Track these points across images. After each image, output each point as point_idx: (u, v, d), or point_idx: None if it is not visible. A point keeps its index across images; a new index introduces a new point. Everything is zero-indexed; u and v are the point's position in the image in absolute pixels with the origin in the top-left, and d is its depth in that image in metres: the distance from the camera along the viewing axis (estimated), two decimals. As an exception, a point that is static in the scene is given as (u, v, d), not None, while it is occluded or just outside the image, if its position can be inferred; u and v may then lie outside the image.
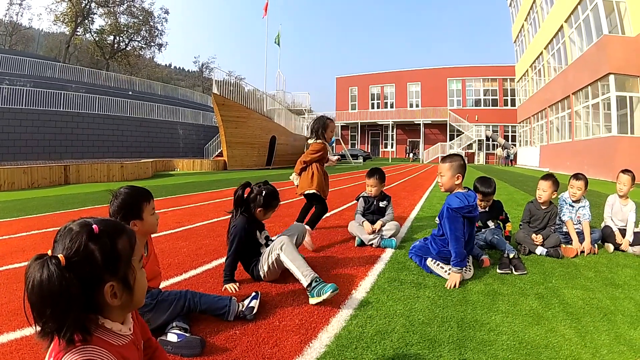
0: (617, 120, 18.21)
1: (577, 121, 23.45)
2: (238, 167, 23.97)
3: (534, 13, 32.33)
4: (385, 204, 5.05)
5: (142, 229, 2.42)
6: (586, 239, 4.55)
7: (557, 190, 4.73)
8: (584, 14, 21.05)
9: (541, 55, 31.05)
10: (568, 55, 24.49)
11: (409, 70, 55.80)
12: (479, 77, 52.19)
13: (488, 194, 4.60)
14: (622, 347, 2.38)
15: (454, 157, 3.59)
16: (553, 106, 28.16)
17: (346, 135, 57.00)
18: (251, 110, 25.21)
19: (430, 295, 3.13)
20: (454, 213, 3.36)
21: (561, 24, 24.80)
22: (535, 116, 34.13)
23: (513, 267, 3.78)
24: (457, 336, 2.45)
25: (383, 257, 4.18)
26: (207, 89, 58.20)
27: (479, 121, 50.37)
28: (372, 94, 57.35)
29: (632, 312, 2.94)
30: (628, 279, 3.74)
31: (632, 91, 18.28)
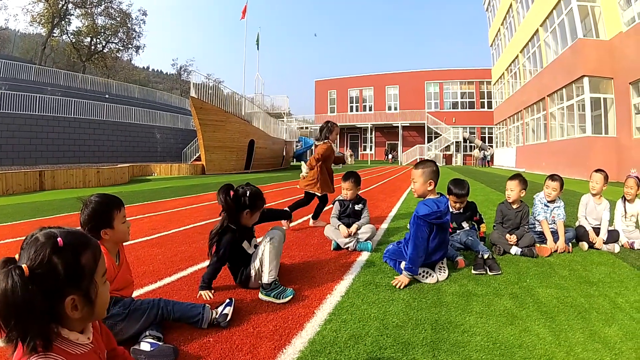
0: (592, 121, 18.72)
1: (552, 122, 23.98)
2: (216, 172, 23.68)
3: (510, 17, 32.96)
4: (361, 207, 5.05)
5: (114, 237, 2.41)
6: (560, 238, 4.62)
7: (526, 189, 4.79)
8: (559, 19, 21.53)
9: (517, 58, 31.67)
10: (543, 58, 25.01)
11: (387, 74, 56.29)
12: (456, 80, 53.02)
13: (462, 195, 4.63)
14: (596, 345, 2.40)
15: (427, 163, 3.61)
16: (529, 108, 28.74)
17: (325, 138, 56.90)
18: (229, 114, 24.94)
19: (404, 298, 3.11)
20: (420, 220, 3.40)
21: (537, 28, 25.34)
22: (511, 118, 34.76)
23: (488, 268, 3.79)
24: (431, 338, 2.43)
25: (359, 261, 4.17)
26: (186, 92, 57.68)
27: (457, 123, 51.02)
28: (351, 97, 57.66)
29: (607, 309, 2.96)
30: (602, 276, 3.78)
31: (606, 93, 18.77)
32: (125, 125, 32.44)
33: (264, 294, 3.04)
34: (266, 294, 3.03)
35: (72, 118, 28.29)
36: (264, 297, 3.03)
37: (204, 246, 4.64)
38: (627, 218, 5.10)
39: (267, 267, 3.09)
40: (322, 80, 59.65)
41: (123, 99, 37.72)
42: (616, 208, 5.15)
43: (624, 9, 17.41)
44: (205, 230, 5.76)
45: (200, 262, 4.07)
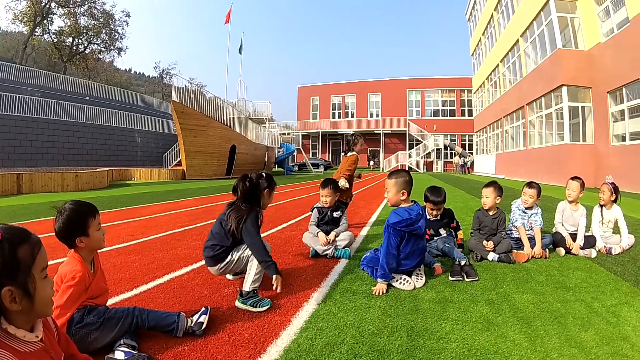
0: (570, 129, 19.07)
1: (531, 130, 24.40)
2: (197, 177, 23.50)
3: (491, 28, 33.52)
4: (339, 214, 5.01)
5: (89, 245, 2.38)
6: (537, 243, 4.67)
7: (501, 196, 4.85)
8: (539, 29, 22.00)
9: (497, 67, 32.24)
10: (523, 68, 25.50)
11: (369, 81, 56.75)
12: (438, 89, 53.92)
13: (438, 202, 4.65)
14: (573, 350, 2.40)
15: (400, 173, 3.64)
16: (508, 116, 29.24)
17: (307, 145, 57.11)
18: (211, 119, 24.76)
19: (381, 305, 3.09)
20: (390, 229, 3.46)
21: (517, 38, 25.83)
22: (491, 126, 35.28)
23: (465, 274, 3.80)
24: (407, 345, 2.41)
25: (337, 268, 4.14)
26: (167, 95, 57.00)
27: (438, 131, 51.74)
28: (333, 103, 57.83)
29: (583, 314, 2.98)
30: (579, 281, 3.82)
31: (584, 101, 19.17)
32: (105, 128, 31.94)
33: (240, 302, 3.02)
34: (243, 302, 3.01)
35: (52, 120, 27.74)
36: (241, 304, 3.01)
37: (182, 253, 4.67)
38: (604, 224, 5.19)
39: (252, 276, 3.10)
40: (305, 86, 59.73)
41: (104, 101, 37.22)
42: (593, 214, 5.23)
43: (603, 20, 17.85)
44: (183, 236, 5.73)
45: (178, 269, 4.01)
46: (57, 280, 2.25)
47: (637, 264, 4.47)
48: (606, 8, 17.35)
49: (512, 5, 26.95)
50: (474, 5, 40.10)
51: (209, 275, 3.74)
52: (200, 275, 3.78)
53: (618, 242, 5.06)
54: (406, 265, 3.57)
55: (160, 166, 32.24)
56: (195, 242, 5.35)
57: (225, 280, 3.63)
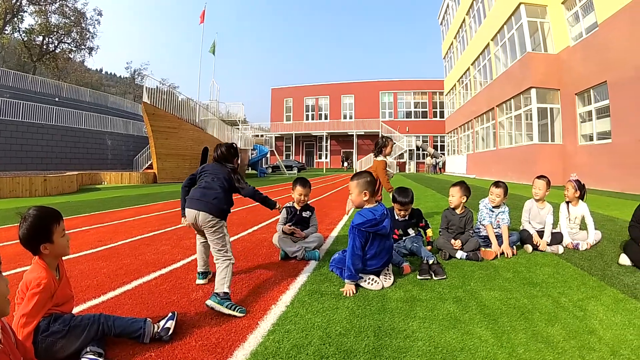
0: (538, 130, 19.64)
1: (501, 131, 25.02)
2: (169, 180, 23.04)
3: (463, 32, 34.15)
4: (309, 214, 5.01)
5: (53, 251, 2.34)
6: (505, 241, 4.73)
7: (468, 195, 4.93)
8: (509, 33, 22.52)
9: (468, 70, 32.91)
10: (493, 70, 26.08)
11: (343, 83, 57.17)
12: (410, 91, 54.88)
13: (406, 203, 4.69)
14: (539, 345, 2.43)
15: (361, 174, 3.69)
16: (479, 117, 29.88)
17: (281, 147, 57.01)
18: (182, 121, 24.37)
19: (349, 306, 3.08)
20: (355, 230, 3.48)
21: (488, 42, 26.40)
22: (462, 127, 36.03)
23: (433, 273, 3.83)
24: (373, 345, 2.41)
25: (306, 270, 4.12)
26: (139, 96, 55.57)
27: (410, 132, 52.49)
28: (307, 105, 58.02)
29: (550, 309, 3.03)
30: (546, 277, 3.88)
31: (553, 103, 19.76)
32: (75, 130, 30.94)
33: (217, 302, 2.96)
34: (219, 302, 2.95)
35: (20, 122, 26.74)
36: (217, 305, 2.94)
37: (151, 258, 4.61)
38: (571, 220, 5.33)
39: (227, 276, 3.13)
40: (279, 88, 59.68)
41: (74, 102, 36.05)
42: (560, 211, 5.36)
43: (573, 25, 18.41)
44: (152, 241, 5.62)
45: (146, 274, 3.94)
46: (22, 287, 2.21)
47: (604, 259, 4.57)
48: (576, 13, 17.92)
49: (483, 9, 27.53)
50: (447, 10, 40.78)
51: (177, 281, 3.70)
52: (168, 280, 3.72)
53: (585, 238, 5.19)
54: (373, 265, 3.59)
55: (131, 169, 31.42)
56: (165, 246, 5.26)
57: (194, 285, 3.58)
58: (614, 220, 7.32)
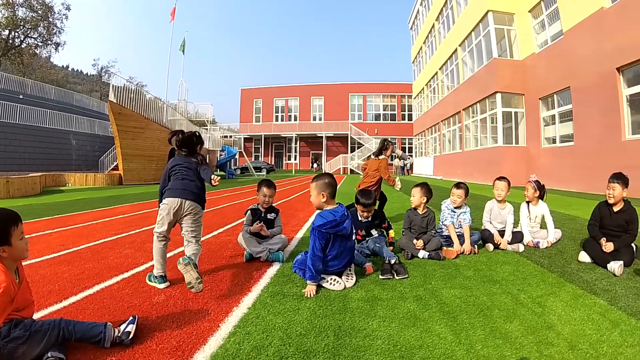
0: (503, 133, 20.37)
1: (467, 134, 25.68)
2: (134, 182, 22.50)
3: (432, 37, 34.82)
4: (274, 216, 5.00)
5: (11, 255, 2.30)
6: (466, 240, 4.86)
7: (429, 196, 5.01)
8: (476, 39, 23.13)
9: (436, 74, 33.62)
10: (460, 75, 26.72)
11: (313, 85, 57.31)
12: (379, 94, 55.63)
13: (368, 205, 4.73)
14: (497, 341, 2.47)
15: (320, 177, 3.71)
16: (445, 120, 30.62)
17: (250, 148, 56.66)
18: (149, 121, 23.82)
19: (311, 307, 3.08)
20: (315, 231, 3.50)
21: (456, 47, 27.02)
22: (430, 129, 36.76)
23: (395, 272, 3.86)
24: (333, 345, 2.42)
25: (269, 272, 4.11)
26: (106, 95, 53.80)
27: (379, 134, 52.88)
28: (276, 106, 57.80)
29: (509, 306, 3.09)
30: (506, 274, 3.97)
31: (517, 107, 20.47)
32: (39, 129, 29.74)
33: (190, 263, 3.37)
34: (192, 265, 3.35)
35: (-18, 120, 25.89)
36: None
37: (113, 262, 4.53)
38: (531, 219, 5.50)
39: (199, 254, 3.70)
40: (248, 88, 59.12)
41: (38, 100, 34.68)
42: (521, 211, 5.53)
43: (538, 32, 19.15)
44: (116, 245, 5.50)
45: (108, 279, 3.85)
46: None
47: (564, 257, 4.73)
48: (542, 21, 18.64)
49: (452, 16, 28.12)
50: (417, 15, 41.48)
51: (139, 284, 3.64)
52: (130, 284, 3.66)
53: (545, 236, 5.36)
54: (335, 265, 3.60)
55: (97, 171, 30.53)
56: (128, 250, 5.16)
57: (155, 289, 3.51)
58: (575, 219, 7.57)
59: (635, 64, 12.63)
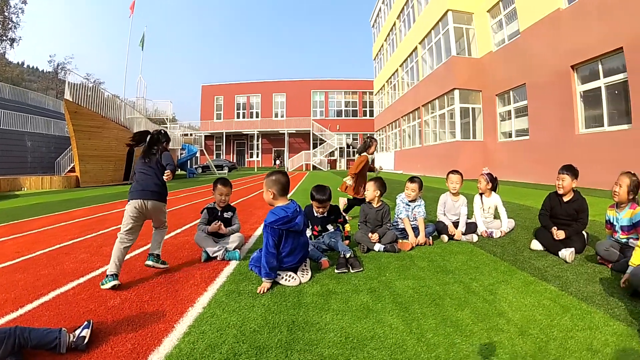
0: (461, 128, 20.95)
1: (426, 129, 26.24)
2: (92, 184, 21.78)
3: (393, 34, 35.25)
4: (231, 214, 4.97)
5: None
6: (421, 232, 4.98)
7: (383, 190, 5.11)
8: (436, 38, 23.60)
9: (397, 71, 34.11)
10: (420, 72, 27.22)
11: (274, 81, 56.85)
12: (341, 90, 55.97)
13: (323, 200, 4.80)
14: (448, 329, 2.54)
15: (270, 174, 3.74)
16: (405, 116, 31.17)
17: (211, 146, 55.66)
18: (106, 119, 23.03)
19: (265, 303, 3.09)
20: (267, 228, 3.51)
21: (416, 45, 27.46)
22: (390, 125, 37.31)
23: (350, 266, 3.93)
24: (286, 339, 2.45)
25: (226, 270, 4.09)
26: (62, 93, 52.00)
27: (340, 130, 53.62)
28: (238, 103, 56.94)
29: (461, 294, 3.18)
30: (459, 264, 4.09)
31: (474, 103, 21.08)
32: (-8, 130, 28.48)
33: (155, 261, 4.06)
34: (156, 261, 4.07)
35: None
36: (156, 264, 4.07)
37: (69, 267, 4.43)
38: (485, 210, 5.72)
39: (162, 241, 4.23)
40: (209, 85, 57.88)
41: (-9, 99, 33.42)
42: (474, 202, 5.71)
43: (496, 32, 19.81)
44: (72, 250, 5.36)
45: (64, 284, 3.76)
46: None
47: (517, 245, 4.91)
48: (500, 21, 19.27)
49: (413, 14, 28.55)
50: (379, 13, 41.80)
51: (95, 289, 3.57)
52: (86, 289, 3.58)
53: (499, 226, 5.57)
54: (290, 261, 3.62)
55: (53, 173, 29.39)
56: (84, 255, 5.03)
57: (111, 293, 3.45)
58: (529, 209, 7.82)
59: (589, 62, 13.18)
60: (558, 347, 2.30)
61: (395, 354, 2.25)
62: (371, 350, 2.29)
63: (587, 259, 4.18)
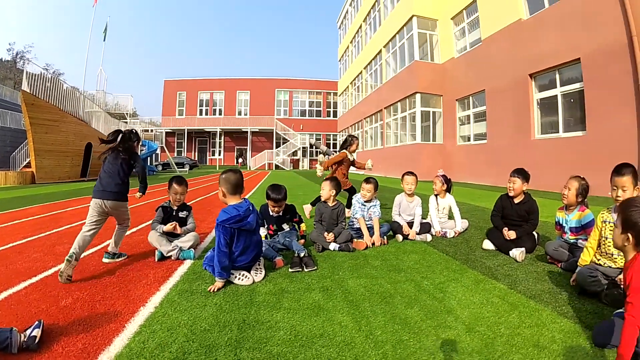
0: (421, 131, 21.44)
1: (388, 131, 26.74)
2: (48, 180, 20.81)
3: (359, 37, 35.65)
4: (186, 214, 4.90)
5: None
6: (375, 232, 5.09)
7: (338, 189, 5.20)
8: (400, 42, 24.03)
9: (361, 73, 34.54)
10: (383, 75, 27.68)
11: (239, 79, 56.07)
12: (306, 90, 55.89)
13: (278, 200, 4.82)
14: (396, 327, 2.60)
15: (222, 173, 3.74)
16: (368, 118, 31.65)
17: (172, 143, 54.29)
18: (65, 113, 22.01)
19: (217, 302, 3.09)
20: (219, 227, 3.51)
21: (380, 48, 27.88)
22: (353, 126, 37.71)
23: (304, 265, 3.96)
24: (236, 338, 2.46)
25: (180, 270, 4.06)
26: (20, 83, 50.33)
27: (304, 130, 53.48)
28: (201, 99, 55.67)
29: (411, 293, 3.26)
30: (412, 263, 4.19)
31: (435, 107, 21.65)
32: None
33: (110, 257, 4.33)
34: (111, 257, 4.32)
35: None
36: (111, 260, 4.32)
37: (22, 267, 4.30)
38: (439, 211, 5.90)
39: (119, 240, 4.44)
40: (172, 80, 56.19)
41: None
42: (430, 203, 5.91)
43: (459, 39, 20.43)
44: (25, 249, 5.17)
45: (16, 284, 3.65)
46: None
47: (469, 245, 5.08)
48: (463, 29, 19.88)
49: (379, 18, 28.97)
50: (346, 15, 42.14)
51: (47, 289, 3.50)
52: (38, 289, 3.50)
53: (453, 226, 5.76)
54: (243, 260, 3.63)
55: (8, 168, 28.21)
56: (37, 254, 4.86)
57: (64, 292, 3.38)
58: (484, 210, 8.09)
59: (546, 71, 13.82)
60: (505, 343, 2.38)
61: (343, 351, 2.29)
62: (319, 347, 2.33)
63: (538, 259, 4.36)
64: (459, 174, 18.93)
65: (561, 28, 12.83)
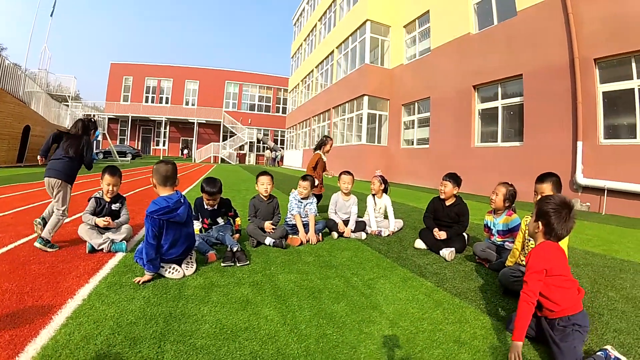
0: (367, 132, 21.91)
1: (335, 130, 27.11)
2: (-18, 164, 18.77)
3: (313, 35, 35.83)
4: (119, 206, 4.74)
5: None
6: (311, 229, 5.20)
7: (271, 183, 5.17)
8: (352, 44, 24.45)
9: (312, 72, 34.78)
10: (334, 75, 28.06)
11: (188, 67, 54.10)
12: (256, 84, 55.20)
13: (213, 193, 4.82)
14: (321, 321, 2.69)
15: (155, 164, 3.72)
16: (316, 116, 31.95)
17: (115, 130, 51.47)
18: (3, 92, 19.49)
19: (146, 295, 3.08)
20: (148, 218, 3.47)
21: (333, 49, 28.22)
22: (301, 124, 37.99)
23: (236, 260, 4.00)
24: (161, 331, 2.48)
25: (110, 262, 3.97)
26: None
27: (252, 124, 52.96)
28: (147, 86, 53.19)
29: (340, 288, 3.35)
30: (344, 260, 4.30)
31: (382, 110, 22.23)
32: None
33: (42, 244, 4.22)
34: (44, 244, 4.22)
35: None
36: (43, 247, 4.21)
37: None
38: (376, 210, 6.11)
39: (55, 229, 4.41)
40: (119, 63, 52.99)
41: None
42: (367, 202, 6.11)
43: (409, 46, 21.08)
44: None
45: None
46: None
47: (402, 244, 5.28)
48: (414, 37, 20.54)
49: (334, 19, 29.21)
50: (302, 13, 41.99)
51: None
52: None
53: (388, 225, 5.96)
54: (173, 253, 3.59)
55: None
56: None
57: None
58: (420, 212, 8.33)
59: (489, 84, 14.60)
60: (426, 338, 2.49)
61: (266, 344, 2.36)
62: (243, 340, 2.38)
63: (467, 259, 4.60)
64: (401, 175, 19.62)
65: (507, 45, 13.57)
